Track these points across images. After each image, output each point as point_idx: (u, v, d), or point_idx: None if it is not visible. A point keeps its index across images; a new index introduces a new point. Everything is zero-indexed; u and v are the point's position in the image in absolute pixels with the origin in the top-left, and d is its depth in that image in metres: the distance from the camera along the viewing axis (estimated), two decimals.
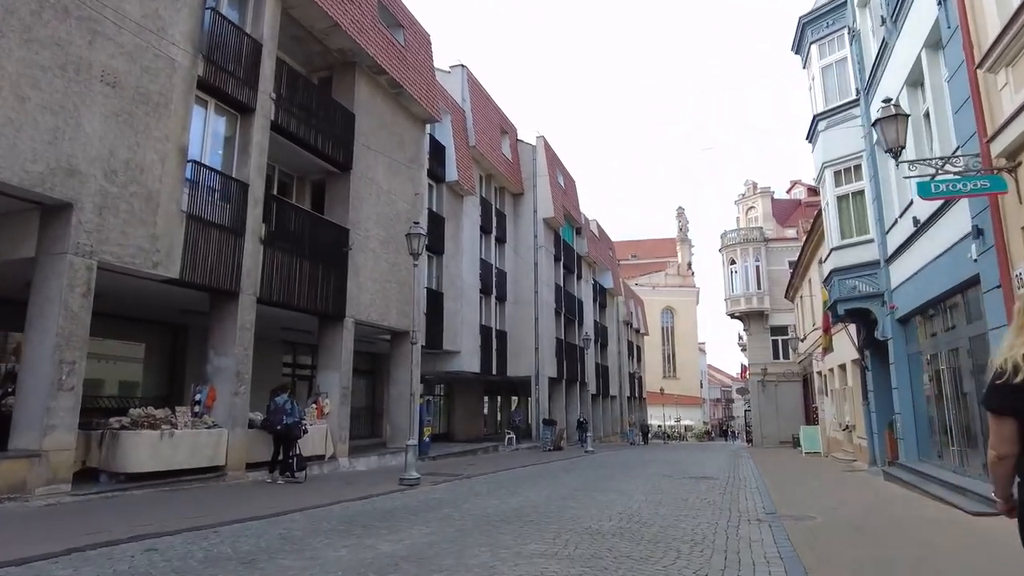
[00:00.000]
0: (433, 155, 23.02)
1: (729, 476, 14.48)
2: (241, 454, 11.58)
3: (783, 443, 34.70)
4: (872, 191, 13.94)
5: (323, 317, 14.75)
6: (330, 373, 14.60)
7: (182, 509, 8.21)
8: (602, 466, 17.08)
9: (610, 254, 47.69)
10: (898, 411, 13.02)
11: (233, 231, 11.85)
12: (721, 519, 7.94)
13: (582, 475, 14.11)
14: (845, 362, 19.03)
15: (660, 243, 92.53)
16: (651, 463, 18.29)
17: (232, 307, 11.80)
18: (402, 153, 17.94)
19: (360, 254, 15.62)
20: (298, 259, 13.57)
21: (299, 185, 16.23)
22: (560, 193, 33.52)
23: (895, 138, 7.98)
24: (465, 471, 14.71)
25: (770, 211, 40.75)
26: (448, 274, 23.48)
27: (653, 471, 15.35)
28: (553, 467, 16.66)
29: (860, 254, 14.35)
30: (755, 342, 39.00)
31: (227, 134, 12.53)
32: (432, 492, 10.74)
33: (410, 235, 12.84)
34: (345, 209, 15.33)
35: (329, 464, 13.98)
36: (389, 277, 16.84)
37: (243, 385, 11.74)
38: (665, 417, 65.66)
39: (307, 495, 9.91)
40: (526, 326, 30.20)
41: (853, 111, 14.75)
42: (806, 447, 23.17)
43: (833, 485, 12.66)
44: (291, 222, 13.76)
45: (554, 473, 14.67)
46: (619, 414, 48.19)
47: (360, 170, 15.90)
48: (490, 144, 27.76)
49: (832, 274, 14.90)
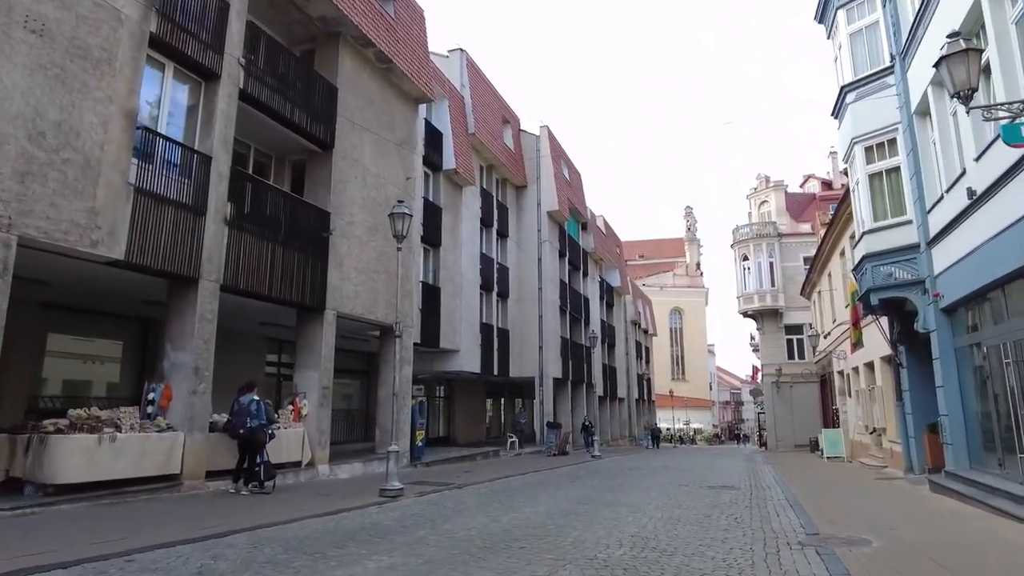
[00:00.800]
0: (429, 142, 21.72)
1: (751, 485, 13.03)
2: (200, 461, 10.22)
3: (799, 447, 33.13)
4: (910, 166, 12.48)
5: (301, 309, 13.39)
6: (308, 372, 13.24)
7: (107, 529, 6.85)
8: (610, 474, 15.64)
9: (617, 251, 46.21)
10: (944, 412, 11.53)
11: (193, 210, 10.51)
12: (755, 543, 6.52)
13: (587, 484, 12.68)
14: (873, 360, 17.52)
15: (668, 243, 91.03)
16: (662, 470, 16.83)
17: (191, 295, 10.45)
18: (392, 134, 16.59)
19: (343, 241, 14.27)
20: (271, 244, 12.22)
21: (278, 166, 14.91)
22: (565, 186, 32.12)
23: (965, 79, 6.54)
24: (458, 479, 13.33)
25: (784, 205, 39.20)
26: (446, 268, 22.11)
27: (665, 479, 13.91)
28: (556, 475, 15.23)
29: (896, 237, 12.88)
30: (769, 341, 37.45)
31: (190, 103, 11.20)
32: (413, 506, 9.35)
33: (394, 215, 11.47)
34: (327, 191, 13.98)
35: (307, 472, 12.61)
36: (377, 267, 15.48)
37: (203, 383, 10.38)
38: (674, 420, 64.10)
39: (268, 510, 8.55)
40: (530, 324, 28.80)
41: (886, 79, 13.30)
42: (828, 451, 21.64)
43: (872, 496, 11.18)
44: (264, 203, 12.42)
45: (556, 482, 13.25)
46: (627, 417, 46.66)
47: (344, 149, 14.56)
48: (491, 133, 26.41)
49: (864, 260, 13.43)
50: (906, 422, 14.35)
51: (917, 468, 13.75)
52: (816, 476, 15.68)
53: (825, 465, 19.79)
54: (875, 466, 17.19)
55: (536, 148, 30.43)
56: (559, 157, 32.17)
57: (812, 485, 13.12)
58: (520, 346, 28.41)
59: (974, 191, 9.42)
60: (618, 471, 16.29)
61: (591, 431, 26.44)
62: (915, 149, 12.29)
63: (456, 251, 23.02)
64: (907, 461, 14.23)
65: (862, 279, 13.93)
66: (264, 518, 7.73)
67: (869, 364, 18.31)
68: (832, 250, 22.74)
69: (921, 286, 12.23)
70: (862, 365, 19.12)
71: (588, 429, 26.99)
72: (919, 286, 12.29)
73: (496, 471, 15.62)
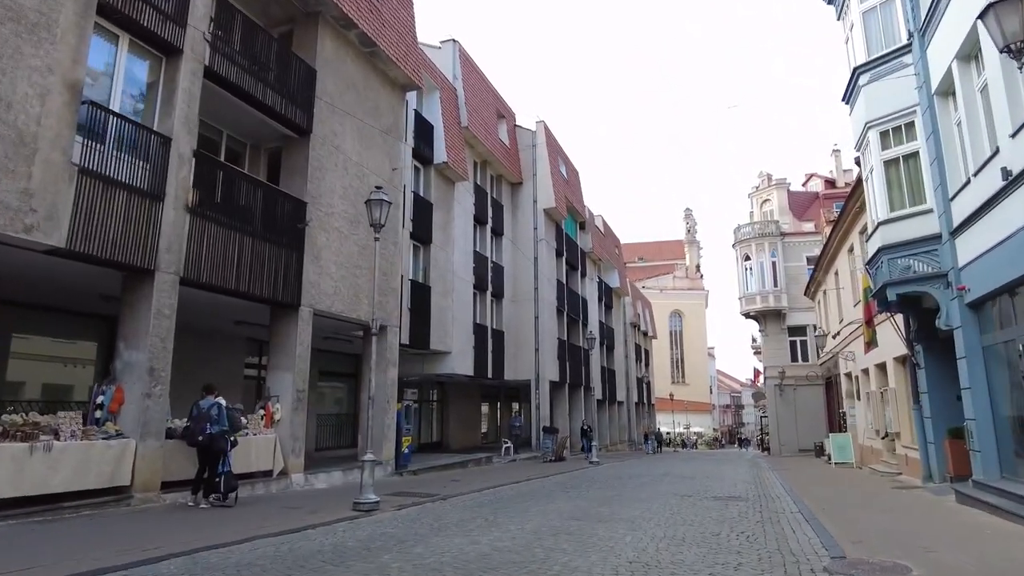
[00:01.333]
0: (420, 134, 20.83)
1: (759, 495, 12.08)
2: (154, 471, 9.26)
3: (803, 451, 32.18)
4: (931, 151, 11.56)
5: (274, 306, 12.46)
6: (282, 373, 12.29)
7: (17, 555, 5.90)
8: (607, 482, 14.68)
9: (616, 252, 45.27)
10: (971, 417, 10.59)
11: (150, 195, 9.57)
12: (774, 568, 5.58)
13: (583, 496, 11.72)
14: (885, 360, 16.58)
15: (667, 245, 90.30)
16: (663, 478, 15.87)
17: (146, 288, 9.51)
18: (376, 121, 15.67)
19: (321, 233, 13.34)
20: (240, 235, 11.28)
21: (253, 155, 13.98)
22: (562, 183, 31.22)
23: (1018, 30, 5.62)
24: (444, 490, 12.38)
25: (786, 204, 38.30)
26: (437, 266, 21.19)
27: (667, 489, 12.95)
28: (550, 484, 14.27)
29: (915, 228, 11.95)
30: (771, 343, 36.50)
31: (149, 79, 10.28)
32: (386, 523, 8.39)
33: (371, 202, 10.55)
34: (303, 179, 13.05)
35: (278, 482, 11.65)
36: (359, 262, 14.54)
37: (159, 385, 9.43)
38: (674, 424, 63.16)
39: (222, 527, 7.60)
40: (525, 326, 27.86)
41: (903, 59, 12.38)
42: (836, 457, 20.68)
43: (895, 508, 10.22)
44: (233, 190, 11.47)
45: (549, 492, 12.29)
46: (627, 421, 45.67)
47: (323, 135, 13.64)
48: (485, 127, 25.51)
49: (880, 253, 12.50)
50: (924, 427, 13.41)
51: (937, 476, 12.80)
52: (827, 484, 14.73)
53: (834, 472, 18.83)
54: (888, 473, 16.23)
55: (532, 144, 29.54)
56: (556, 153, 31.27)
57: (825, 495, 12.17)
58: (516, 348, 27.47)
59: (1010, 171, 8.50)
60: (617, 479, 15.34)
61: (590, 436, 25.47)
62: (936, 131, 11.37)
63: (448, 249, 22.10)
64: (925, 469, 13.28)
65: (877, 273, 13.00)
66: (213, 538, 6.78)
67: (881, 365, 17.37)
68: (839, 246, 21.83)
69: (943, 280, 11.30)
70: (873, 366, 18.18)
71: (587, 434, 26.00)
72: (941, 280, 11.35)
73: (487, 480, 14.66)
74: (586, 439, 25.42)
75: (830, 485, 14.60)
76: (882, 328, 15.36)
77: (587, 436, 25.59)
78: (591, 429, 26.71)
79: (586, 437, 25.60)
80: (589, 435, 25.51)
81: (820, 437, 30.63)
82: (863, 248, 18.46)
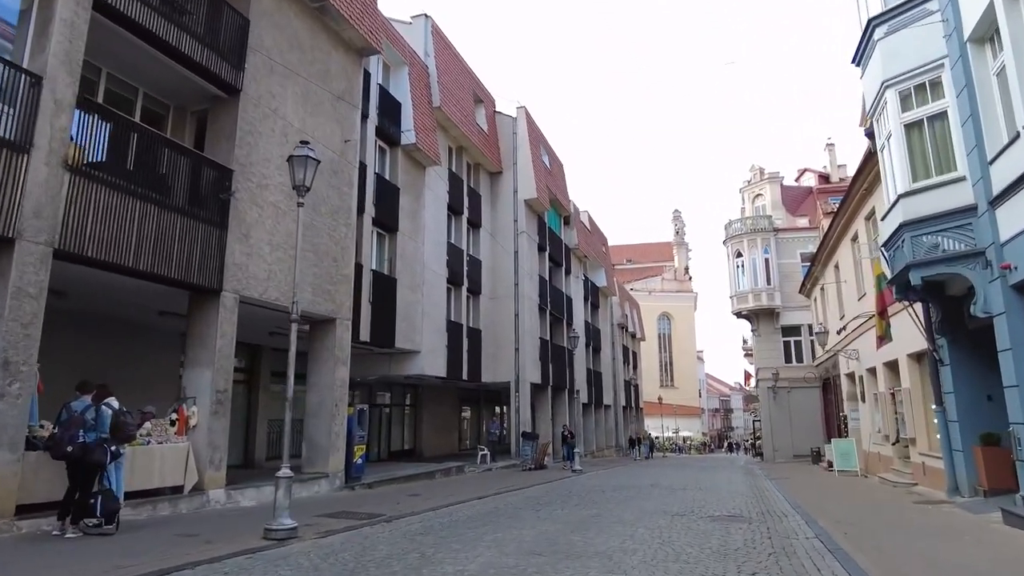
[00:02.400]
0: (385, 112, 19.00)
1: (763, 512, 10.30)
2: (6, 492, 7.30)
3: (798, 457, 30.54)
4: (963, 108, 9.88)
5: (192, 291, 10.55)
6: (200, 371, 10.35)
7: None
8: (588, 496, 12.85)
9: (603, 250, 43.54)
10: (1017, 420, 8.87)
11: (10, 145, 7.67)
12: None
13: (554, 516, 9.88)
14: (897, 358, 14.90)
15: (656, 247, 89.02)
16: (652, 491, 14.06)
17: (2, 262, 7.59)
18: (326, 86, 13.81)
19: (253, 208, 11.43)
20: (143, 203, 9.35)
21: (178, 118, 12.06)
22: (545, 173, 29.43)
23: None
24: (396, 507, 10.51)
25: (779, 199, 36.75)
26: (405, 257, 19.31)
27: (655, 505, 11.13)
28: (520, 499, 12.41)
29: (944, 199, 10.25)
30: (764, 344, 34.85)
31: (22, 6, 8.38)
32: (291, 560, 6.49)
33: (294, 158, 8.67)
34: (231, 144, 11.14)
35: (192, 499, 9.71)
36: (303, 244, 12.58)
37: (16, 382, 7.49)
38: (663, 428, 61.47)
39: (81, 565, 5.70)
40: (505, 324, 26.00)
41: (927, 5, 10.71)
42: (839, 465, 18.96)
43: (930, 531, 8.44)
44: (135, 149, 9.54)
45: (516, 511, 10.43)
46: (614, 425, 43.88)
47: (257, 95, 11.76)
48: (460, 110, 23.69)
49: (901, 231, 10.78)
50: (948, 432, 11.71)
51: (966, 489, 11.09)
52: (838, 498, 12.99)
53: (839, 482, 17.11)
54: (902, 484, 14.52)
55: (512, 131, 27.75)
56: (538, 141, 29.51)
57: (840, 512, 10.40)
58: (494, 348, 25.60)
59: None
60: (599, 492, 13.51)
61: (571, 442, 23.55)
62: (970, 84, 9.69)
63: (418, 238, 20.23)
64: (951, 480, 11.55)
65: (896, 255, 11.30)
66: None
67: (892, 364, 15.68)
68: (841, 236, 20.18)
69: (980, 258, 9.60)
70: (881, 365, 16.48)
71: (567, 440, 24.05)
72: (977, 258, 9.65)
73: (450, 494, 12.79)
74: (567, 446, 23.47)
75: (840, 498, 12.85)
76: (896, 320, 13.65)
77: (568, 442, 23.65)
78: (573, 435, 24.73)
79: (567, 444, 23.65)
80: (571, 441, 23.58)
81: (817, 442, 29.01)
82: (870, 234, 16.81)
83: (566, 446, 23.39)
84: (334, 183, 13.76)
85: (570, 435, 24.33)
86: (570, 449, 22.77)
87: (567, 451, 23.10)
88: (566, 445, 23.40)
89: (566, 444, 23.49)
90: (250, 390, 17.47)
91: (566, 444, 23.49)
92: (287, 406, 8.24)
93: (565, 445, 23.57)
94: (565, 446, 23.48)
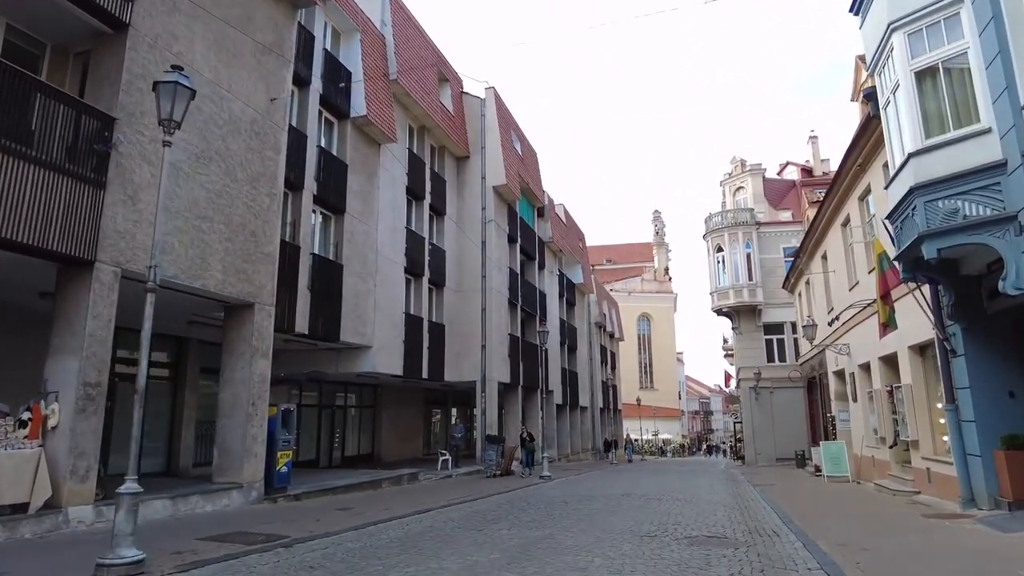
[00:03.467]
0: (332, 79, 17.17)
1: (751, 530, 8.59)
2: None
3: (781, 460, 29.07)
4: (990, 46, 8.27)
5: (58, 262, 8.60)
6: (65, 359, 8.40)
7: None
8: (547, 510, 11.06)
9: (580, 245, 41.83)
10: None
11: None
12: None
13: (498, 536, 8.08)
14: (896, 350, 13.33)
15: (636, 247, 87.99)
16: (622, 501, 12.31)
17: None
18: (248, 34, 11.90)
19: (144, 167, 9.49)
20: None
21: (57, 60, 10.07)
22: (516, 159, 27.66)
23: None
24: (307, 528, 8.64)
25: (761, 192, 35.39)
26: (354, 242, 17.43)
27: (623, 522, 9.36)
28: (466, 514, 10.58)
29: (964, 157, 8.63)
30: (746, 342, 33.41)
31: None
32: None
33: (159, 86, 6.77)
34: (115, 90, 9.23)
35: (40, 520, 7.72)
36: (210, 213, 10.70)
37: None
38: (642, 430, 60.00)
39: None
40: (472, 320, 24.16)
41: None
42: (829, 470, 17.39)
43: (964, 560, 6.75)
44: None
45: (453, 532, 8.61)
46: (590, 427, 42.15)
47: (153, 34, 9.83)
48: (422, 87, 21.85)
49: (912, 197, 9.16)
50: (962, 433, 10.12)
51: (985, 500, 9.50)
52: (834, 510, 11.35)
53: (831, 489, 15.51)
54: (902, 492, 12.92)
55: (481, 112, 25.96)
56: (508, 126, 27.75)
57: (842, 529, 8.73)
58: (460, 345, 23.75)
59: None
60: (560, 505, 11.72)
61: (530, 446, 21.53)
62: (998, 18, 8.08)
63: (370, 222, 18.35)
64: (965, 489, 9.95)
65: (904, 227, 9.67)
66: None
67: (889, 358, 14.12)
68: (830, 223, 18.66)
69: (1011, 224, 7.97)
70: (877, 360, 14.92)
71: (526, 444, 22.01)
72: (1007, 224, 8.02)
73: (386, 508, 10.93)
74: (525, 450, 21.45)
75: (838, 511, 11.21)
76: (897, 308, 12.04)
77: (526, 446, 21.62)
78: (532, 437, 22.61)
79: (525, 448, 21.63)
80: (529, 445, 21.55)
81: (801, 445, 27.55)
82: (864, 216, 15.29)
83: (524, 451, 21.39)
84: (255, 146, 11.85)
85: (528, 438, 22.28)
86: (528, 454, 20.80)
87: (526, 456, 21.13)
88: (524, 449, 21.40)
89: (524, 448, 21.49)
90: (176, 388, 15.46)
91: (524, 448, 21.49)
92: (136, 400, 6.31)
93: (523, 449, 21.58)
94: (524, 450, 21.48)
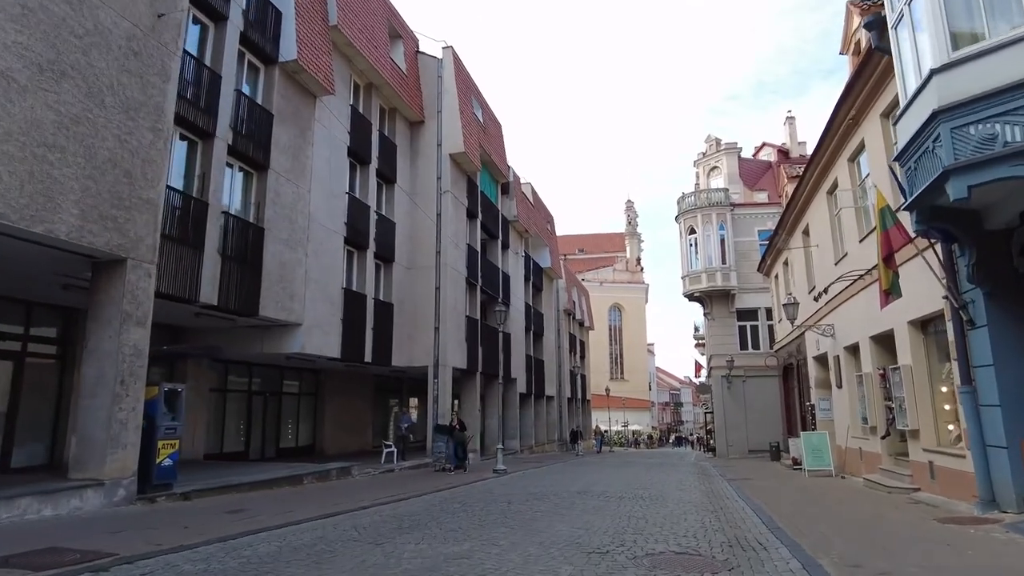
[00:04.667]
0: (258, 19, 14.94)
1: (728, 542, 6.72)
2: None
3: (754, 452, 27.64)
4: None
5: None
6: None
7: None
8: (483, 513, 9.09)
9: (548, 228, 39.90)
10: None
11: None
12: None
13: (403, 552, 6.08)
14: (893, 327, 11.63)
15: (608, 237, 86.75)
16: (576, 500, 10.40)
17: None
18: None
19: None
20: None
21: None
22: (476, 127, 25.55)
23: None
24: (160, 540, 6.54)
25: (736, 172, 33.85)
26: (280, 203, 15.24)
27: (570, 530, 7.43)
28: (382, 518, 8.54)
29: (1005, 67, 6.79)
30: (718, 329, 31.89)
31: None
32: None
33: None
34: None
35: None
36: (63, 143, 8.43)
37: None
38: (611, 421, 58.52)
39: None
40: (425, 300, 22.06)
41: None
42: (810, 464, 15.73)
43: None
44: None
45: (348, 544, 6.57)
46: (557, 418, 40.40)
47: None
48: (369, 38, 19.62)
49: (935, 123, 7.32)
50: (981, 420, 8.40)
51: (1011, 502, 7.78)
52: (825, 512, 9.58)
53: (815, 485, 13.83)
54: (898, 489, 11.25)
55: (438, 74, 23.77)
56: (469, 91, 25.60)
57: (842, 539, 6.92)
58: (412, 327, 21.66)
59: None
60: (502, 505, 9.76)
61: (460, 436, 18.27)
62: None
63: (301, 183, 16.14)
64: (985, 488, 8.24)
65: (921, 164, 7.85)
66: None
67: (883, 336, 12.43)
68: (813, 193, 16.95)
69: None
70: (867, 339, 13.25)
71: (455, 433, 18.31)
72: None
73: (289, 511, 8.85)
74: (455, 441, 18.02)
75: (829, 513, 9.43)
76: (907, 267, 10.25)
77: (456, 437, 18.14)
78: (464, 426, 19.05)
79: (455, 438, 18.11)
80: (459, 435, 18.15)
81: (776, 436, 26.07)
82: (856, 177, 13.58)
83: (453, 442, 18.47)
84: (133, 67, 9.58)
85: (459, 426, 19.03)
86: (458, 446, 18.11)
87: (454, 448, 17.92)
88: (453, 440, 18.49)
89: (453, 439, 18.57)
90: (64, 369, 13.12)
91: (453, 439, 18.57)
92: None
93: (452, 440, 18.63)
94: (452, 442, 18.55)
